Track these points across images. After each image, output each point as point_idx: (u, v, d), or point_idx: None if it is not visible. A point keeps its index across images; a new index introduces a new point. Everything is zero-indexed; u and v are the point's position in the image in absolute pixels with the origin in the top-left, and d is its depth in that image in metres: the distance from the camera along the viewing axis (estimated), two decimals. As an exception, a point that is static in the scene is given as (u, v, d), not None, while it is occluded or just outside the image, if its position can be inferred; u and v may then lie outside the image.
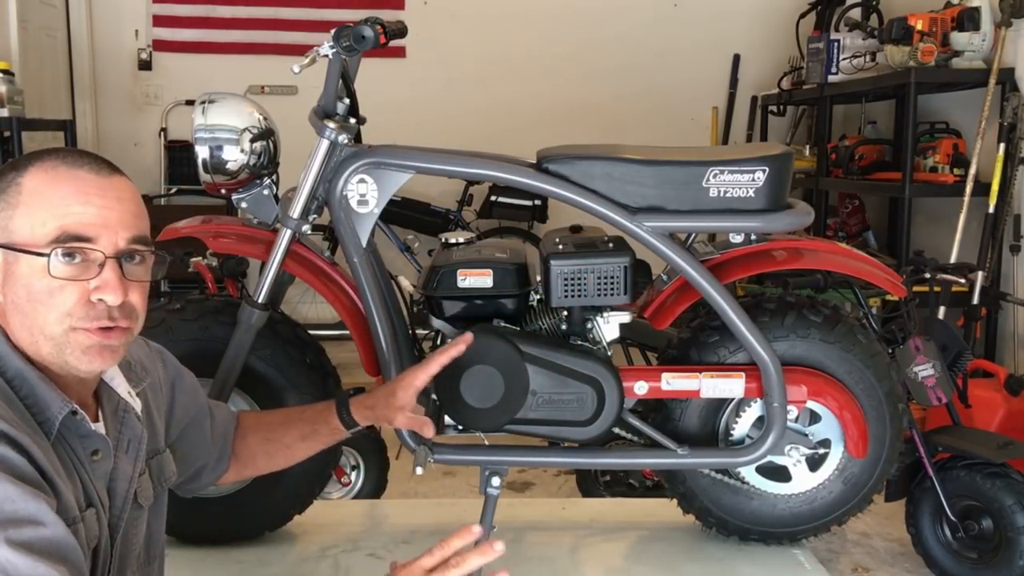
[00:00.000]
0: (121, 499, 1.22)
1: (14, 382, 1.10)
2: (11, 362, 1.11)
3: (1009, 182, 3.70)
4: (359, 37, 1.85)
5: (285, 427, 1.65)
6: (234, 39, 5.52)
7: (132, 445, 1.25)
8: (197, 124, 2.00)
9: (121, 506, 1.22)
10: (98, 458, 1.16)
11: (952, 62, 3.83)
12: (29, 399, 1.10)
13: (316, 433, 1.65)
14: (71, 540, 1.02)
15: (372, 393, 1.68)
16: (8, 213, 1.11)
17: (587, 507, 2.68)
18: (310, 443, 1.66)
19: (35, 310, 1.11)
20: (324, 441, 1.67)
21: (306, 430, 1.65)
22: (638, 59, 5.66)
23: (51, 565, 0.96)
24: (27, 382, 1.10)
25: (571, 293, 1.95)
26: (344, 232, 1.95)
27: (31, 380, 1.10)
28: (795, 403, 2.04)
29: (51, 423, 1.10)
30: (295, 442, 1.64)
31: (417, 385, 1.64)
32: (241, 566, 2.11)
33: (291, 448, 1.65)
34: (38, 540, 0.97)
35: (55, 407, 1.11)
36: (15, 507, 0.97)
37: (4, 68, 3.79)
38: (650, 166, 1.94)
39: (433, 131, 4.04)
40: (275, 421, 1.67)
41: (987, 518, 2.48)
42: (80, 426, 1.14)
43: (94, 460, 1.16)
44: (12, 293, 1.12)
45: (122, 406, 1.26)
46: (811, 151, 4.93)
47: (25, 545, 0.95)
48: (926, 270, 2.83)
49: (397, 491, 3.27)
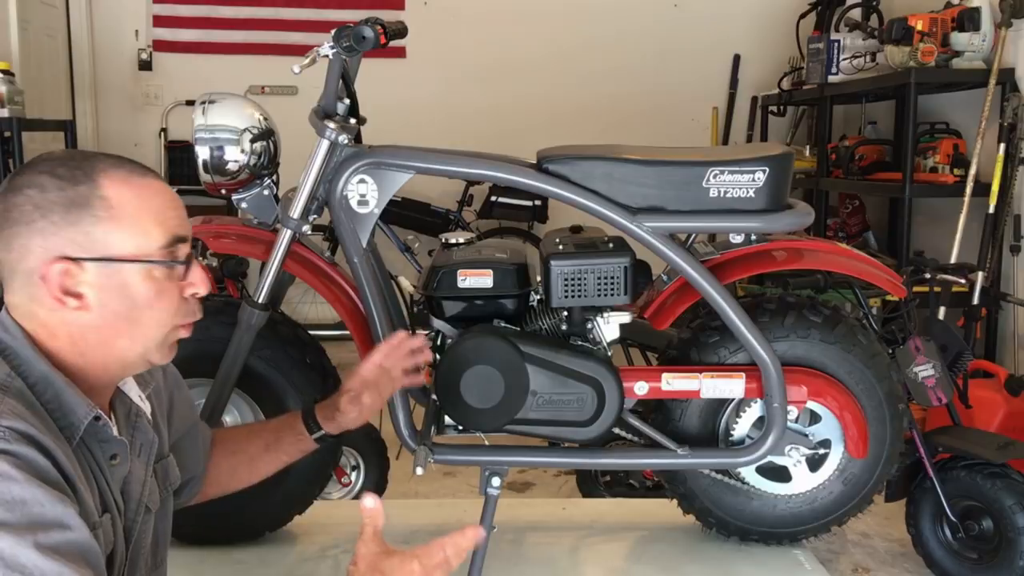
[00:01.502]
0: (135, 503, 1.22)
1: (37, 387, 1.09)
2: (36, 367, 1.10)
3: (1009, 182, 3.70)
4: (359, 37, 1.85)
5: (249, 439, 1.62)
6: (234, 39, 5.52)
7: (144, 449, 1.26)
8: (197, 124, 2.00)
9: (135, 510, 1.23)
10: (116, 463, 1.17)
11: (952, 62, 3.83)
12: (52, 404, 1.09)
13: (280, 442, 1.61)
14: (95, 545, 1.02)
15: (332, 398, 1.65)
16: (103, 228, 1.11)
17: (587, 507, 2.68)
18: (274, 454, 1.61)
19: (140, 317, 1.14)
20: (288, 452, 1.62)
21: (270, 439, 1.61)
22: (638, 59, 5.66)
23: (77, 569, 0.96)
24: (52, 386, 1.09)
25: (571, 293, 1.95)
26: (344, 232, 1.95)
27: (56, 385, 1.10)
28: (795, 403, 2.04)
29: (75, 428, 1.10)
30: (259, 453, 1.60)
31: (366, 367, 1.66)
32: (242, 566, 2.12)
33: (255, 461, 1.60)
34: (64, 544, 0.97)
35: (80, 412, 1.11)
36: (43, 510, 0.96)
37: (4, 68, 3.79)
38: (650, 166, 1.94)
39: (433, 131, 4.04)
40: (240, 434, 1.65)
41: (987, 518, 2.48)
42: (101, 431, 1.14)
43: (112, 465, 1.16)
44: (111, 305, 1.12)
45: (134, 410, 1.26)
46: (811, 151, 4.93)
47: (52, 549, 0.95)
48: (926, 270, 2.83)
49: (397, 491, 3.27)
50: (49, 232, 1.09)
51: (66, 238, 1.10)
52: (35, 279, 1.10)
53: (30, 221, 1.09)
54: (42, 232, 1.09)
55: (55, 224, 1.09)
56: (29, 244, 1.10)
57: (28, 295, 1.12)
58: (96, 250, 1.11)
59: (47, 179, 1.10)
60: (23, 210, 1.10)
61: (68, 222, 1.10)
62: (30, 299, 1.12)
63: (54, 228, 1.09)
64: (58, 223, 1.10)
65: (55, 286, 1.10)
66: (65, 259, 1.10)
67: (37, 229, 1.09)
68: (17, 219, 1.10)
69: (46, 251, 1.09)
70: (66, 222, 1.10)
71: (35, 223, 1.09)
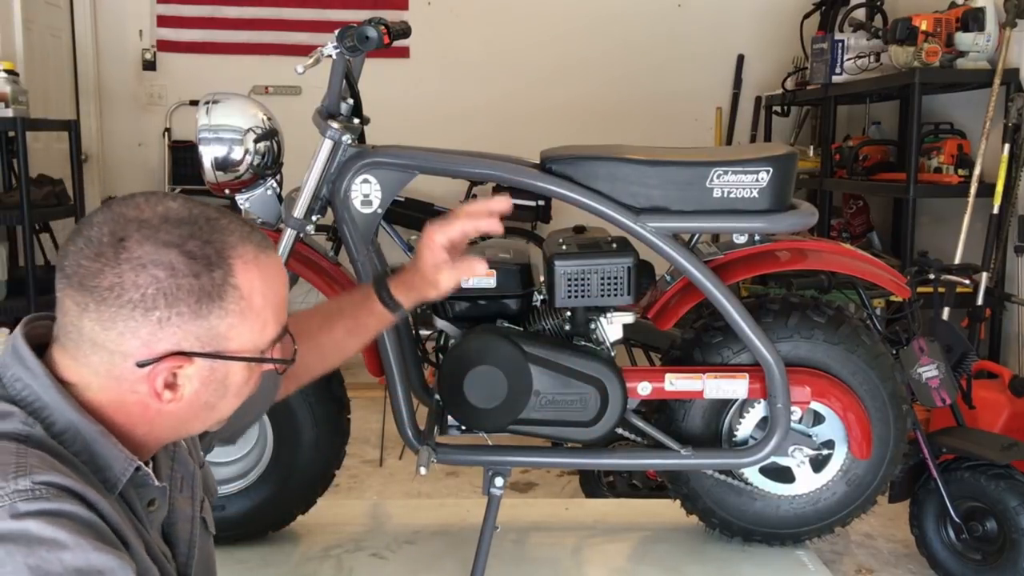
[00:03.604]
0: (185, 544, 1.11)
1: (63, 436, 0.93)
2: (62, 415, 0.94)
3: (1014, 183, 3.69)
4: (363, 37, 1.85)
5: (330, 327, 1.50)
6: (238, 39, 5.52)
7: (186, 483, 1.14)
8: (201, 124, 2.01)
9: (187, 552, 1.11)
10: (154, 508, 1.03)
11: (956, 63, 3.82)
12: (83, 456, 0.94)
13: (363, 327, 1.51)
14: None
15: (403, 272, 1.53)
16: (230, 321, 0.96)
17: (590, 508, 2.68)
18: (358, 337, 1.51)
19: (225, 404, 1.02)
20: (373, 331, 1.52)
21: (350, 324, 1.51)
22: (641, 60, 5.66)
23: None
24: (80, 436, 0.94)
25: (575, 294, 1.95)
26: (348, 232, 1.95)
27: (87, 435, 0.94)
28: (799, 404, 2.04)
29: (114, 482, 0.95)
30: (344, 338, 1.50)
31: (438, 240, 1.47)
32: (244, 566, 2.12)
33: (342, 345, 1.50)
34: None
35: (118, 466, 0.96)
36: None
37: (9, 68, 3.79)
38: (654, 167, 1.93)
39: (436, 131, 4.04)
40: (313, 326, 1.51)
41: (991, 519, 2.47)
42: (142, 479, 1.00)
43: (150, 511, 1.03)
44: (204, 396, 0.99)
45: (171, 442, 1.13)
46: (815, 152, 4.91)
47: None
48: (930, 271, 2.82)
49: (400, 491, 3.27)
50: (171, 325, 0.93)
51: (189, 332, 0.94)
52: (129, 363, 0.94)
53: (151, 308, 0.92)
54: (163, 323, 0.93)
55: (180, 316, 0.93)
56: (140, 330, 0.93)
57: (109, 372, 0.95)
58: (213, 345, 0.96)
59: (178, 257, 0.93)
60: (145, 294, 0.92)
61: (196, 315, 0.94)
62: (108, 375, 0.95)
63: (179, 320, 0.93)
64: (184, 315, 0.93)
65: (160, 380, 0.95)
66: (180, 355, 0.94)
67: (157, 319, 0.93)
68: (134, 302, 0.92)
69: (158, 341, 0.93)
70: (194, 315, 0.94)
71: (156, 311, 0.92)
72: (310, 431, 2.12)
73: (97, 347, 0.94)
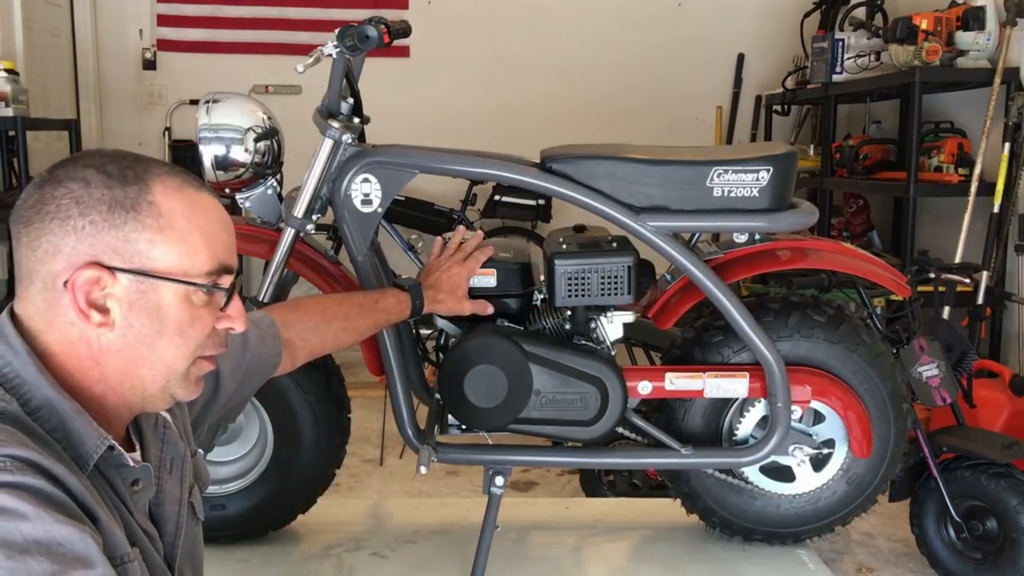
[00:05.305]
0: (172, 524, 1.12)
1: (39, 413, 0.95)
2: (39, 390, 0.96)
3: (1014, 182, 3.69)
4: (363, 36, 1.85)
5: (359, 316, 1.75)
6: (238, 39, 5.52)
7: (176, 465, 1.14)
8: (201, 124, 2.01)
9: (174, 532, 1.12)
10: (139, 488, 1.04)
11: (957, 61, 3.82)
12: (57, 432, 0.95)
13: (384, 324, 1.86)
14: None
15: (433, 288, 1.93)
16: (148, 236, 0.98)
17: (591, 507, 2.68)
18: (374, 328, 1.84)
19: (165, 344, 1.01)
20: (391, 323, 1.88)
21: (380, 320, 1.82)
22: (642, 58, 5.65)
23: None
24: (56, 414, 0.96)
25: (575, 293, 1.95)
26: (348, 231, 1.95)
27: (61, 412, 0.96)
28: (799, 403, 2.04)
29: (86, 459, 0.97)
30: (367, 331, 1.80)
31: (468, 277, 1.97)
32: (245, 565, 2.12)
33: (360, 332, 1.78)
34: None
35: (90, 443, 0.97)
36: (63, 549, 0.84)
37: (9, 68, 3.80)
38: (654, 166, 1.93)
39: (437, 130, 4.04)
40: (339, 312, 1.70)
41: (991, 518, 2.47)
42: (118, 459, 1.01)
43: (135, 491, 1.04)
44: (137, 326, 0.99)
45: (161, 422, 1.14)
46: (815, 150, 4.91)
47: None
48: (931, 270, 2.82)
49: (401, 490, 3.27)
50: (86, 233, 0.96)
51: (104, 242, 0.97)
52: (58, 284, 0.97)
53: (66, 217, 0.96)
54: (77, 232, 0.96)
55: (94, 224, 0.96)
56: (60, 244, 0.96)
57: (47, 302, 0.98)
58: (135, 261, 0.98)
59: (93, 174, 0.97)
60: (60, 204, 0.96)
61: (110, 224, 0.97)
62: (48, 307, 0.98)
63: (92, 229, 0.96)
64: (98, 224, 0.96)
65: (81, 295, 0.96)
66: (98, 265, 0.96)
67: (72, 227, 0.96)
68: (51, 213, 0.96)
69: (77, 254, 0.96)
70: (107, 224, 0.97)
71: (71, 220, 0.96)
72: (310, 430, 2.12)
73: (33, 276, 0.98)
